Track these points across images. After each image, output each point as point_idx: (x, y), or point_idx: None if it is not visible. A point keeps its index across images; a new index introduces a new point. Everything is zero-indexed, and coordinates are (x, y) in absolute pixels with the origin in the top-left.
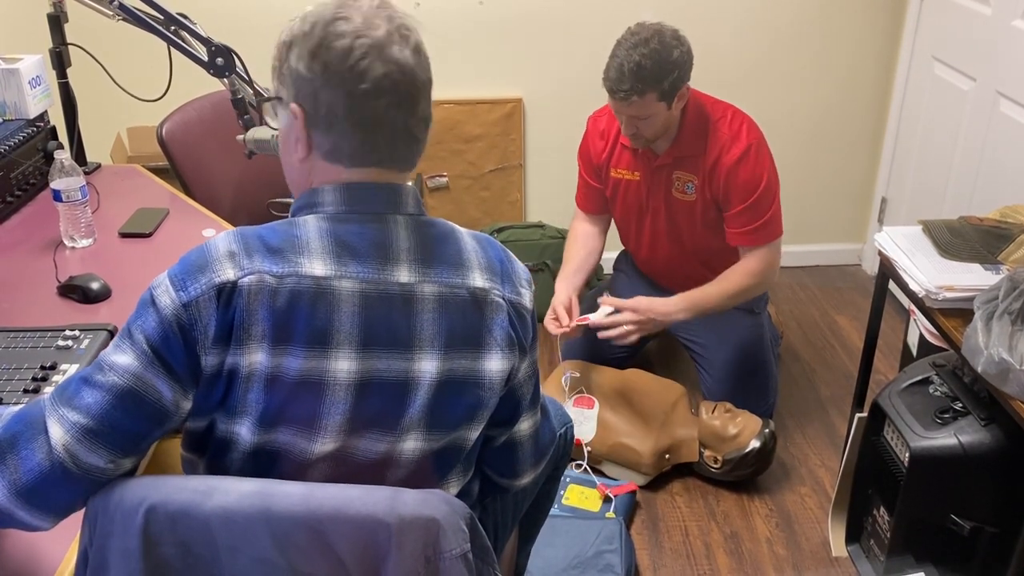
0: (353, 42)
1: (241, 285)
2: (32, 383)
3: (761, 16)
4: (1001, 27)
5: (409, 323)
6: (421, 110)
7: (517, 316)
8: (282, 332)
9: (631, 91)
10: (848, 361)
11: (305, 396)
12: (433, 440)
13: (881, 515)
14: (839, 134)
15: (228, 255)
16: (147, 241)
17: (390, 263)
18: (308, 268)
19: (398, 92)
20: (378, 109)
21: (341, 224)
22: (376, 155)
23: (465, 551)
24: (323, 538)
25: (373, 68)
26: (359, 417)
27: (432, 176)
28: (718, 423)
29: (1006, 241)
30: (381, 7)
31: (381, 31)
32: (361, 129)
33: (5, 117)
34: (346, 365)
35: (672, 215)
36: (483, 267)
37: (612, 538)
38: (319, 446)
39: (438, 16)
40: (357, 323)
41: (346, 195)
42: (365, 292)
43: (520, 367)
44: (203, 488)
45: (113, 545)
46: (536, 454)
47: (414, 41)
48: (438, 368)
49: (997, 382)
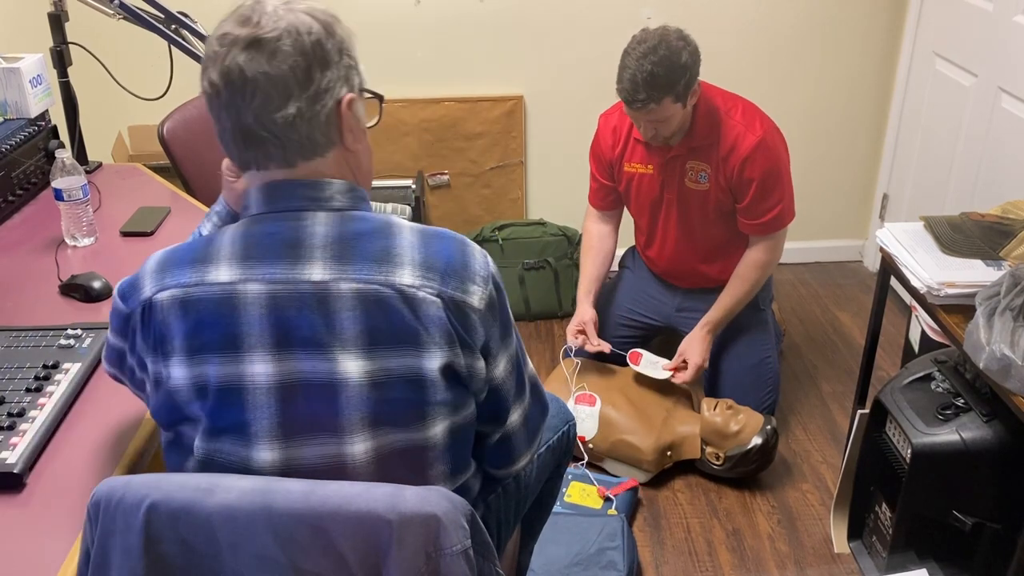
0: (205, 54)
1: (155, 301)
2: (34, 382)
3: (762, 13)
4: (1002, 23)
5: (327, 322)
6: (255, 108)
7: (457, 313)
8: (196, 341)
9: (648, 100)
10: (850, 357)
11: (230, 402)
12: (383, 441)
13: (883, 511)
14: (840, 130)
15: (151, 273)
16: (149, 240)
17: (301, 261)
18: (214, 275)
19: (220, 98)
20: (219, 116)
21: (256, 225)
22: (241, 160)
23: (466, 547)
24: (324, 535)
25: (208, 76)
26: (291, 421)
27: (433, 174)
28: (720, 420)
29: (1008, 237)
30: (254, 10)
31: (228, 38)
32: (220, 137)
33: (6, 116)
34: (262, 368)
35: (685, 205)
36: (417, 264)
37: (614, 535)
38: (259, 453)
39: (438, 14)
40: (267, 325)
41: (264, 195)
42: (273, 293)
43: (474, 364)
44: (204, 485)
45: (115, 543)
46: (529, 437)
47: (259, 40)
48: (365, 368)
49: (999, 378)
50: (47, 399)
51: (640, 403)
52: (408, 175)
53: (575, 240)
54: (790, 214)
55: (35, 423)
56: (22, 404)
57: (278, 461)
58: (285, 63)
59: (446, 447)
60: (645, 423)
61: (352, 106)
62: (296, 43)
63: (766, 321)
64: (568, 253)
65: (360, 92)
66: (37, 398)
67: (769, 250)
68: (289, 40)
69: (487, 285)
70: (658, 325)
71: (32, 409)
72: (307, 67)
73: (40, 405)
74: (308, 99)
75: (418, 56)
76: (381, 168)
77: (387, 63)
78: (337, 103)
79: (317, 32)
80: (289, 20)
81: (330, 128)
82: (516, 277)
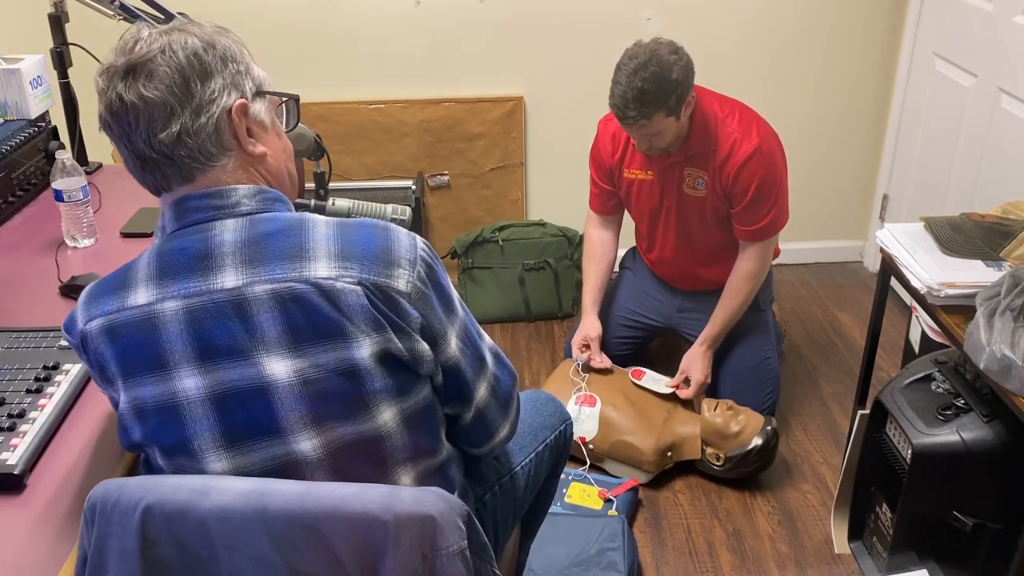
0: (97, 89)
1: (86, 332)
2: (35, 383)
3: (762, 13)
4: (1002, 23)
5: (247, 327)
6: (141, 133)
7: (383, 299)
8: (126, 366)
9: (639, 116)
10: (850, 358)
11: (170, 420)
12: (332, 436)
13: (884, 512)
14: (840, 131)
15: (81, 305)
16: (149, 241)
17: (213, 271)
18: (133, 299)
19: (112, 130)
20: (118, 147)
21: (168, 243)
22: (147, 184)
23: (462, 548)
24: (320, 536)
25: (99, 111)
26: (232, 429)
27: (433, 175)
28: (720, 420)
29: (1008, 238)
30: (132, 39)
31: (111, 71)
32: (126, 166)
33: (7, 117)
34: (192, 382)
35: (683, 212)
36: (333, 255)
37: (615, 536)
38: (210, 465)
39: (438, 15)
40: (188, 339)
41: (172, 213)
42: (190, 307)
43: (415, 347)
44: (200, 487)
45: (111, 545)
46: (502, 406)
47: (134, 66)
48: (294, 367)
49: (999, 379)
50: (47, 400)
51: (640, 404)
52: (408, 176)
53: (575, 241)
54: (783, 221)
55: (35, 424)
56: (22, 405)
57: (230, 470)
58: (162, 83)
59: (401, 434)
60: (645, 424)
61: (246, 111)
62: (170, 61)
63: (767, 322)
64: (568, 254)
65: (258, 95)
66: (37, 399)
67: (760, 258)
68: (163, 59)
69: (413, 268)
70: (659, 326)
71: (32, 410)
72: (184, 82)
73: (40, 406)
74: (191, 113)
75: (418, 57)
76: (381, 169)
77: (388, 63)
78: (227, 111)
79: (192, 46)
80: (163, 41)
81: (222, 137)
82: (516, 278)
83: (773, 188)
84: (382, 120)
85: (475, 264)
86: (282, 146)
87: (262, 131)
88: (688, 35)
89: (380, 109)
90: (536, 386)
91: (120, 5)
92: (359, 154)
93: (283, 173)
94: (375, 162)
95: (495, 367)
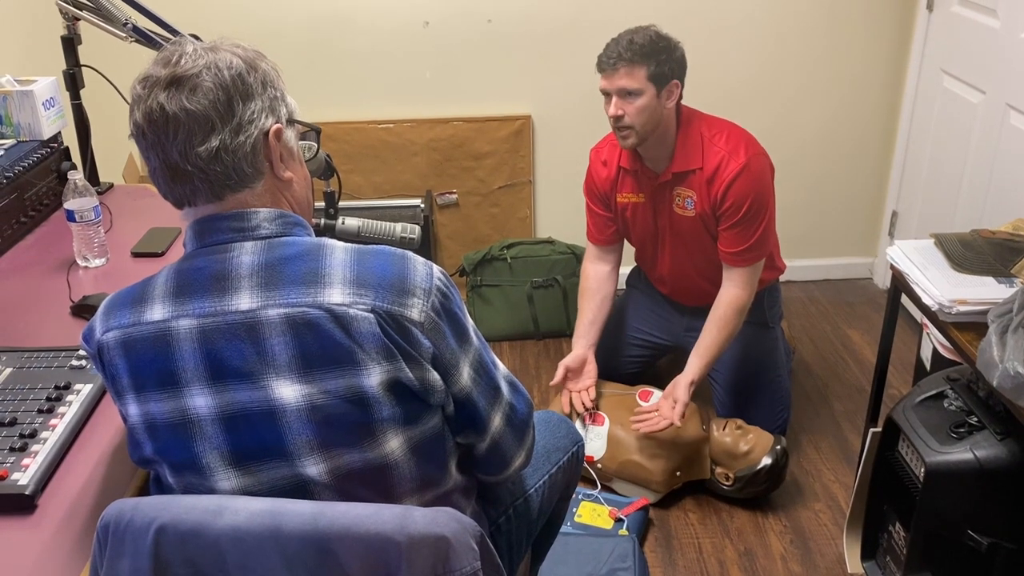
0: (131, 98)
1: (103, 343)
2: (46, 403)
3: (769, 30)
4: (1010, 39)
5: (258, 350)
6: (178, 145)
7: (396, 327)
8: (138, 380)
9: (619, 58)
10: (861, 376)
11: (180, 436)
12: (338, 462)
13: (897, 531)
14: (849, 147)
15: (100, 315)
16: (159, 260)
17: (229, 293)
18: (149, 315)
19: (146, 138)
20: (147, 156)
21: (187, 262)
22: (172, 196)
23: (475, 569)
24: (333, 557)
25: (133, 119)
26: (240, 451)
27: (442, 193)
28: (729, 440)
29: (1019, 254)
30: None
31: (151, 80)
32: (151, 176)
33: (19, 138)
34: (203, 401)
35: (678, 231)
36: (349, 281)
37: (625, 556)
38: (219, 483)
39: (447, 34)
40: (200, 359)
41: (195, 232)
42: (204, 327)
43: (425, 376)
44: (213, 507)
45: (124, 566)
46: (518, 436)
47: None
48: (303, 392)
49: (1013, 396)
50: (59, 420)
51: None
52: (417, 194)
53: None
54: (765, 247)
55: (47, 444)
56: (34, 425)
57: (238, 488)
58: (206, 98)
59: (408, 463)
60: (654, 443)
61: (280, 136)
62: (216, 78)
63: (776, 339)
64: (576, 271)
65: (289, 123)
66: (49, 419)
67: (747, 285)
68: (208, 76)
69: (428, 297)
70: (668, 344)
71: (44, 430)
72: (228, 100)
73: (52, 426)
74: (231, 131)
75: (427, 76)
76: (390, 187)
77: (396, 83)
78: (264, 134)
79: (237, 66)
80: (208, 58)
81: (257, 158)
82: (525, 295)
83: (761, 208)
84: (391, 139)
85: (484, 282)
86: (304, 174)
87: (290, 158)
88: (697, 53)
89: (389, 128)
90: (545, 404)
91: (133, 27)
92: (368, 173)
93: (305, 200)
94: (384, 181)
95: (511, 396)
